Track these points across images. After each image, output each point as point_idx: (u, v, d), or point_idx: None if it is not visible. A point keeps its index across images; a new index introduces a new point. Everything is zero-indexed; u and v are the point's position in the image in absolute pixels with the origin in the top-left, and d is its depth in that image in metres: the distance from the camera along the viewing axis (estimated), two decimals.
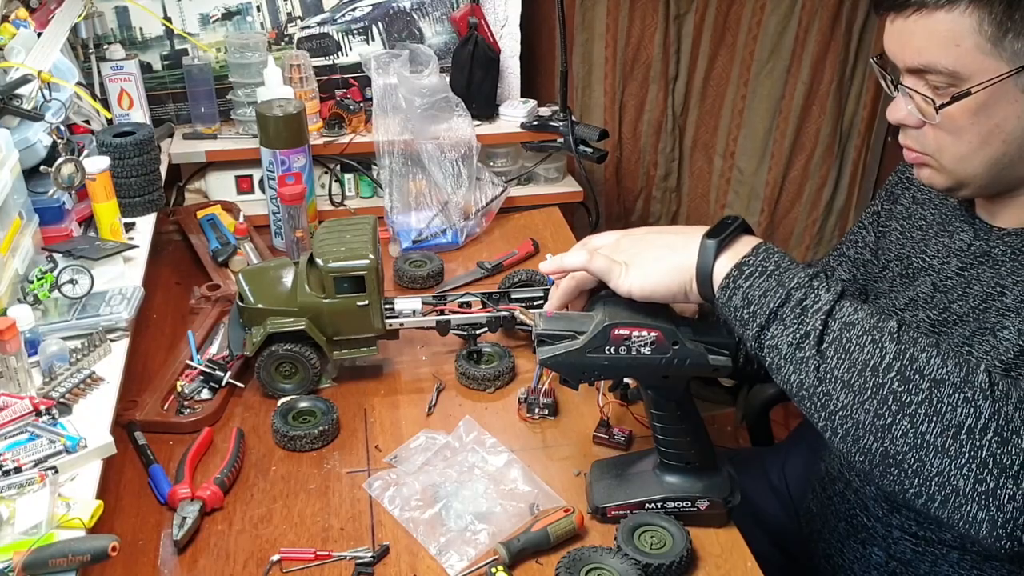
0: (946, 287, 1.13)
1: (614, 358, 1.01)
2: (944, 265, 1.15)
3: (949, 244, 1.15)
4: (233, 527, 1.17)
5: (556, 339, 1.03)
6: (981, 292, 1.07)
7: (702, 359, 1.02)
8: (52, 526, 0.98)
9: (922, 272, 1.18)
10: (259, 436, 1.33)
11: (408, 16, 2.01)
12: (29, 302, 1.27)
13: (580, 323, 1.03)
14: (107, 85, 1.83)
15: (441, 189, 1.86)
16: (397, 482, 1.22)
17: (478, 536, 1.13)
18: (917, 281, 1.18)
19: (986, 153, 1.01)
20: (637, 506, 1.13)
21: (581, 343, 1.01)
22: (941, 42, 0.97)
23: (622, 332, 0.99)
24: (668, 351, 1.00)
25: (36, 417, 1.12)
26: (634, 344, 1.00)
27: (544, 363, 1.03)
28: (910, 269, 1.21)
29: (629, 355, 1.00)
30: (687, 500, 1.12)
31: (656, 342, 1.00)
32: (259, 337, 1.35)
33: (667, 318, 1.03)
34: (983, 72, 0.96)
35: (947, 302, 1.12)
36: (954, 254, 1.14)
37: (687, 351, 1.01)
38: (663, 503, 1.13)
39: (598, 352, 1.01)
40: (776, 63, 2.29)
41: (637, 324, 1.00)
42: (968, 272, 1.11)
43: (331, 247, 1.38)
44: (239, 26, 1.95)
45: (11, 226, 1.29)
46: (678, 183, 2.47)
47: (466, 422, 1.32)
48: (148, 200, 1.62)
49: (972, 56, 0.96)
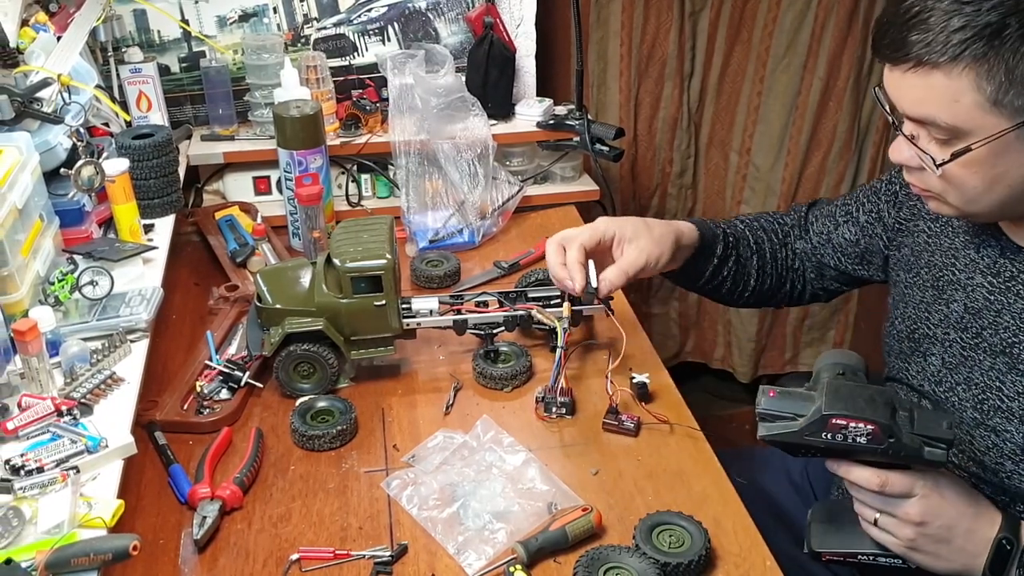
0: (975, 309, 1.12)
1: (830, 443, 1.02)
2: (970, 280, 1.14)
3: (976, 259, 1.14)
4: (252, 526, 1.17)
5: (776, 418, 1.05)
6: (1012, 324, 1.07)
7: (918, 452, 1.01)
8: (74, 525, 0.99)
9: (951, 287, 1.17)
10: (278, 436, 1.33)
11: (424, 16, 2.01)
12: (50, 303, 1.28)
13: (801, 404, 1.04)
14: (126, 88, 1.84)
15: (457, 189, 1.86)
16: (415, 481, 1.22)
17: (496, 535, 1.13)
18: (947, 295, 1.17)
19: (992, 195, 1.00)
20: (851, 555, 1.12)
21: (799, 426, 1.02)
22: (940, 98, 0.95)
23: (839, 422, 1.00)
24: (883, 443, 1.01)
25: (58, 417, 1.13)
26: (850, 434, 1.00)
27: (763, 439, 1.05)
28: (940, 282, 1.19)
29: (844, 442, 1.01)
30: (899, 557, 1.10)
31: (872, 435, 1.00)
32: (277, 337, 1.36)
33: (886, 409, 1.02)
34: (983, 128, 0.94)
35: (979, 327, 1.11)
36: (981, 271, 1.13)
37: (902, 445, 1.01)
38: (875, 557, 1.11)
39: (814, 436, 1.02)
40: (792, 59, 2.28)
41: (855, 416, 1.00)
42: (996, 298, 1.10)
43: (348, 247, 1.38)
44: (256, 28, 1.96)
45: (32, 228, 1.30)
46: (694, 180, 2.46)
47: (483, 421, 1.32)
48: (167, 202, 1.63)
49: (972, 113, 0.94)
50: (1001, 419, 1.09)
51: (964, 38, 0.91)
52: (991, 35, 0.91)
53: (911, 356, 1.24)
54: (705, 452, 1.30)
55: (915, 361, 1.23)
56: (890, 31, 0.98)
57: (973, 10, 0.91)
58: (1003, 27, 0.90)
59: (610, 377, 1.35)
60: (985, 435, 1.11)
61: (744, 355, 2.65)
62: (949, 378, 1.17)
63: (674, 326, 2.66)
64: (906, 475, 1.02)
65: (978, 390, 1.12)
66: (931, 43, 0.93)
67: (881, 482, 1.02)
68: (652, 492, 1.22)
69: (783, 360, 2.68)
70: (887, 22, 0.99)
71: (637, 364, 1.46)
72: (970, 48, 0.91)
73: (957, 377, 1.16)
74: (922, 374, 1.22)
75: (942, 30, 0.92)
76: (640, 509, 1.18)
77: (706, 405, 2.80)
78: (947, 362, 1.17)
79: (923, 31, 0.94)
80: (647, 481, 1.24)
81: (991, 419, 1.10)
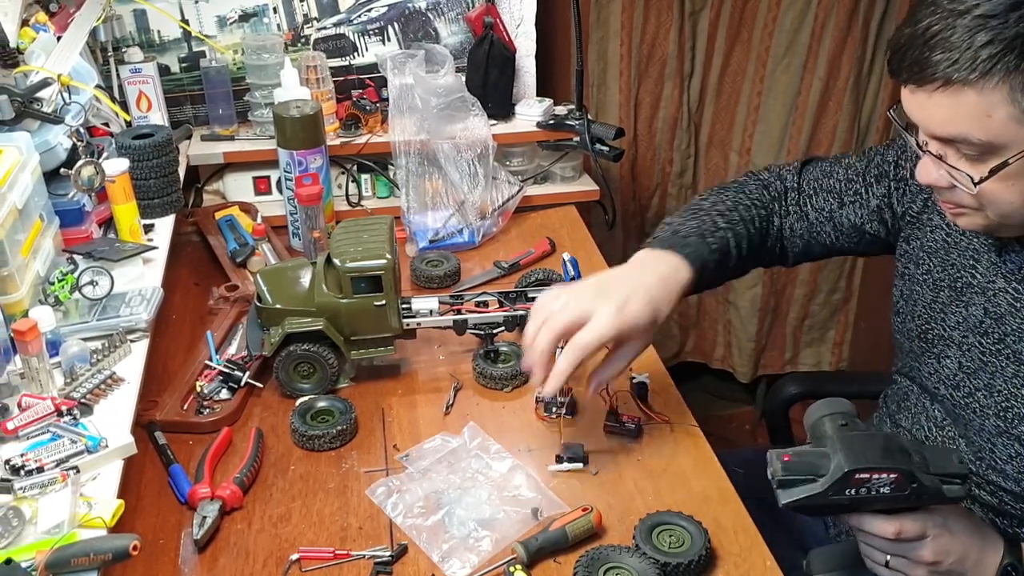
0: (997, 314, 1.10)
1: (855, 498, 1.01)
2: (991, 284, 1.11)
3: (998, 263, 1.11)
4: (252, 526, 1.17)
5: (795, 483, 1.02)
6: None
7: (939, 493, 1.02)
8: (74, 525, 0.99)
9: (971, 289, 1.14)
10: (278, 436, 1.33)
11: (424, 16, 2.01)
12: (50, 303, 1.28)
13: (816, 464, 1.02)
14: (126, 87, 1.84)
15: (457, 189, 1.86)
16: (400, 488, 1.22)
17: (481, 543, 1.13)
18: (966, 298, 1.15)
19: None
20: None
21: (822, 487, 1.00)
22: (970, 115, 0.92)
23: (863, 476, 1.00)
24: (907, 489, 1.00)
25: (58, 417, 1.13)
26: (874, 486, 1.00)
27: (788, 507, 1.02)
28: (959, 283, 1.16)
29: (869, 495, 1.01)
30: None
31: (896, 483, 1.00)
32: (277, 337, 1.36)
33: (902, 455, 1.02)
34: (1019, 141, 0.92)
35: (1001, 333, 1.09)
36: (1004, 275, 1.10)
37: (924, 488, 1.01)
38: None
39: (839, 494, 1.01)
40: (792, 59, 2.27)
41: (877, 468, 1.00)
42: (1022, 305, 1.08)
43: (348, 247, 1.38)
44: (256, 28, 1.96)
45: (32, 228, 1.30)
46: (694, 180, 2.46)
47: (470, 428, 1.32)
48: (167, 202, 1.63)
49: (1007, 126, 0.91)
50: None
51: (993, 52, 0.89)
52: (1022, 45, 0.88)
53: (922, 356, 1.22)
54: (705, 452, 1.30)
55: (927, 362, 1.22)
56: (909, 52, 0.95)
57: (999, 23, 0.89)
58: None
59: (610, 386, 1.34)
60: (1008, 444, 1.09)
61: (744, 355, 2.65)
62: (968, 383, 1.15)
63: (674, 326, 2.66)
64: (917, 518, 1.02)
65: (1001, 397, 1.11)
66: (958, 61, 0.91)
67: (896, 530, 1.02)
68: (652, 492, 1.22)
69: (783, 360, 2.68)
70: (904, 44, 0.96)
71: (637, 364, 1.45)
72: (1002, 61, 0.89)
73: (977, 383, 1.14)
74: (936, 375, 1.20)
75: (968, 46, 0.90)
76: (640, 509, 1.18)
77: (706, 405, 2.80)
78: (964, 366, 1.15)
79: (947, 49, 0.91)
80: (647, 481, 1.24)
81: (1016, 428, 1.08)
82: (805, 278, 2.55)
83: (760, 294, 2.55)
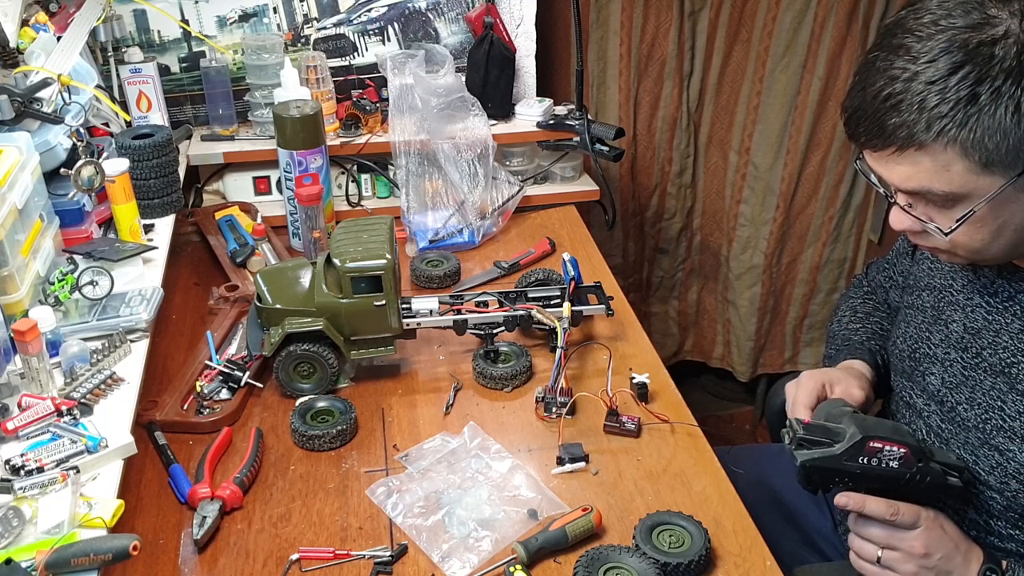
0: (974, 329, 1.14)
1: (865, 467, 1.08)
2: (969, 300, 1.15)
3: (974, 280, 1.15)
4: (252, 526, 1.17)
5: (813, 444, 1.09)
6: (1011, 344, 1.09)
7: (941, 478, 1.09)
8: (74, 525, 0.99)
9: (951, 307, 1.18)
10: (278, 436, 1.33)
11: (424, 16, 2.01)
12: (50, 303, 1.28)
13: (834, 431, 1.10)
14: (126, 88, 1.84)
15: (457, 189, 1.86)
16: (400, 488, 1.22)
17: (481, 543, 1.13)
18: (946, 315, 1.19)
19: (1000, 242, 1.01)
20: None
21: (839, 450, 1.08)
22: (930, 171, 0.96)
23: (876, 445, 1.07)
24: (913, 467, 1.07)
25: (58, 417, 1.13)
26: (885, 457, 1.07)
27: (804, 465, 1.08)
28: (941, 303, 1.20)
29: (879, 466, 1.08)
30: None
31: (904, 458, 1.07)
32: (277, 337, 1.36)
33: (911, 436, 1.09)
34: (980, 189, 0.95)
35: (978, 347, 1.13)
36: (979, 291, 1.14)
37: (929, 469, 1.08)
38: None
39: (852, 460, 1.08)
40: (791, 58, 2.28)
41: (890, 439, 1.07)
42: (995, 318, 1.11)
43: (348, 247, 1.38)
44: (256, 28, 1.96)
45: (32, 228, 1.30)
46: (693, 179, 2.46)
47: (471, 427, 1.32)
48: (167, 202, 1.63)
49: (965, 178, 0.95)
50: (1004, 439, 1.09)
51: (943, 113, 0.92)
52: (966, 105, 0.91)
53: (912, 375, 1.25)
54: (705, 452, 1.30)
55: (916, 380, 1.24)
56: (863, 119, 0.98)
57: (942, 87, 0.92)
58: (975, 96, 0.91)
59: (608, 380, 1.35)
60: (990, 454, 1.11)
61: (743, 354, 2.65)
62: (951, 397, 1.17)
63: (673, 325, 2.66)
64: (912, 506, 1.08)
65: (980, 410, 1.13)
66: (911, 125, 0.94)
67: (893, 511, 1.07)
68: (652, 492, 1.23)
69: (782, 359, 2.68)
70: (857, 109, 0.99)
71: (637, 363, 1.46)
72: (952, 121, 0.92)
73: (959, 396, 1.16)
74: (924, 394, 1.23)
75: (920, 110, 0.93)
76: (640, 509, 1.18)
77: (706, 405, 2.80)
78: (947, 381, 1.18)
79: (899, 114, 0.94)
80: (647, 481, 1.24)
81: (994, 439, 1.11)
82: (805, 278, 2.55)
83: (759, 293, 2.55)
